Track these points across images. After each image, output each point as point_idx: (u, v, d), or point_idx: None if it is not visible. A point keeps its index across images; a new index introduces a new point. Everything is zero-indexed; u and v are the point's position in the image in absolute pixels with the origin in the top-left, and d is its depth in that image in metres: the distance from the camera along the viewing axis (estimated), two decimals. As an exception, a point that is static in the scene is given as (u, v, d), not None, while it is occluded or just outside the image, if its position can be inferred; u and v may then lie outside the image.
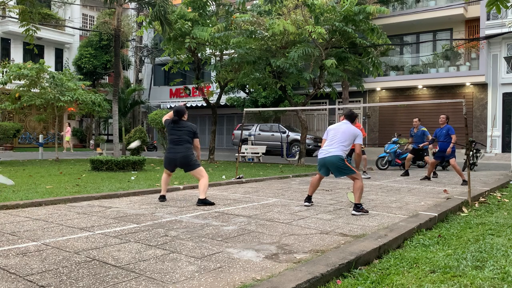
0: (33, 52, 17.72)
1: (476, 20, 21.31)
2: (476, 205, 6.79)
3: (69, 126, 26.02)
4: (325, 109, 25.30)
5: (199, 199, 6.37)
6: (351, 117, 6.24)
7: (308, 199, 6.43)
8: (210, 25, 15.65)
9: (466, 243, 4.27)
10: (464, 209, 6.33)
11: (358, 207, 5.76)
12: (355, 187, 5.85)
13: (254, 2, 18.01)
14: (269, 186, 9.18)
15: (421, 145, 12.00)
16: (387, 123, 23.57)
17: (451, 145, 10.14)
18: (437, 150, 10.90)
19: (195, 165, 6.57)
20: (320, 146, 7.82)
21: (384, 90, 23.65)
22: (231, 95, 25.12)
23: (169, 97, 31.29)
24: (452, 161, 10.17)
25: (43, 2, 27.30)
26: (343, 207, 6.29)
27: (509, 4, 5.22)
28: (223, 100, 23.97)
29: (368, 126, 24.28)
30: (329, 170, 6.10)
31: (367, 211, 5.78)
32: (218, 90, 18.72)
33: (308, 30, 13.03)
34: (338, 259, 3.38)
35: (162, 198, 6.71)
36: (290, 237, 4.35)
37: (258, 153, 18.17)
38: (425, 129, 12.09)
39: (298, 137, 19.89)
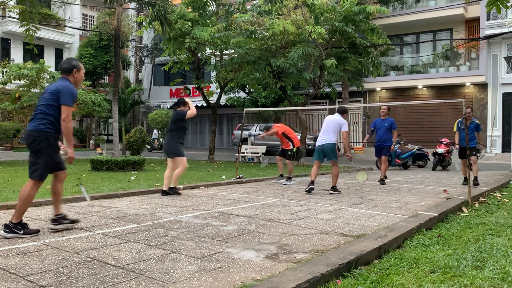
0: (33, 52, 17.71)
1: (476, 20, 21.31)
2: (476, 205, 6.79)
3: None
4: (325, 109, 25.30)
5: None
6: (343, 111, 8.21)
7: (312, 183, 7.86)
8: (210, 25, 15.64)
9: (466, 243, 4.27)
10: (464, 209, 6.33)
11: (334, 188, 7.78)
12: (334, 172, 7.83)
13: (254, 2, 18.01)
14: (269, 186, 9.17)
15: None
16: (387, 123, 23.54)
17: (394, 142, 9.69)
18: (375, 143, 9.93)
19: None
20: None
21: (384, 90, 23.65)
22: (231, 95, 25.12)
23: (169, 97, 31.29)
24: (384, 158, 9.64)
25: (43, 2, 27.29)
26: (343, 207, 6.29)
27: (509, 4, 5.22)
28: (223, 100, 23.96)
29: (368, 126, 24.28)
30: (324, 154, 7.88)
31: (339, 191, 7.84)
32: (218, 90, 18.72)
33: (308, 30, 13.03)
34: (338, 259, 3.38)
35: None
36: (290, 237, 4.35)
37: (258, 153, 18.17)
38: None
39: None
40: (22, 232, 4.16)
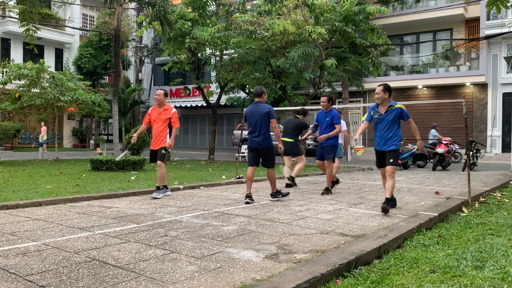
0: (33, 52, 17.71)
1: (476, 20, 21.32)
2: (476, 205, 6.79)
3: (44, 125, 21.20)
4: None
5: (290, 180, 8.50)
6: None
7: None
8: (210, 25, 15.66)
9: (466, 243, 4.27)
10: (464, 209, 6.33)
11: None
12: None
13: (254, 2, 18.01)
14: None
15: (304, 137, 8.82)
16: (387, 123, 23.55)
17: (329, 134, 7.57)
18: (318, 142, 7.99)
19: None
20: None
21: (384, 90, 23.62)
22: (231, 95, 25.12)
23: (169, 97, 31.27)
24: (330, 161, 7.80)
25: (43, 2, 27.29)
26: (343, 207, 6.29)
27: (509, 4, 5.22)
28: (223, 100, 23.96)
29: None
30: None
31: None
32: (218, 90, 18.72)
33: (308, 30, 13.04)
34: (338, 259, 3.38)
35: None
36: (290, 237, 4.35)
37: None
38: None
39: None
40: (280, 195, 6.94)
